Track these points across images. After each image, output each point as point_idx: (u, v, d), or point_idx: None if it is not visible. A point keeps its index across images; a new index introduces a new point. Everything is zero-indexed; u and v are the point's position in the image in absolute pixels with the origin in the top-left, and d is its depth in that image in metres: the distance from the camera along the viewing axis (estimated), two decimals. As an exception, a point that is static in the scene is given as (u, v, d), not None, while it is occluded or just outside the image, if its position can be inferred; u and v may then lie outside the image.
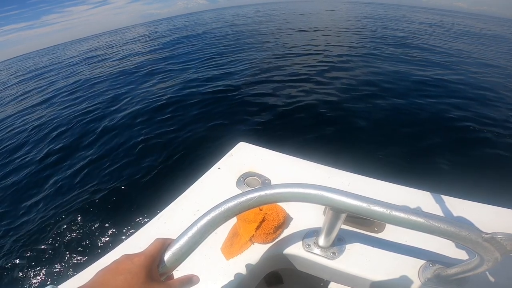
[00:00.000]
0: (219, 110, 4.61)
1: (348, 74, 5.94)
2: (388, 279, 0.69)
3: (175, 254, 0.44)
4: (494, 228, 0.49)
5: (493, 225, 0.77)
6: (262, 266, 0.78)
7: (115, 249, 0.81)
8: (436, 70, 6.23)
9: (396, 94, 4.73)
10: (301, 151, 3.00)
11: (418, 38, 11.10)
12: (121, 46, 18.85)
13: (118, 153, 3.85)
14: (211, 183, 1.01)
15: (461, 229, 0.46)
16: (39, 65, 21.08)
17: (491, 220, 0.80)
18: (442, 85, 5.26)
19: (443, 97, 4.64)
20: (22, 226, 2.93)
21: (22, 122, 6.39)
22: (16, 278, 2.32)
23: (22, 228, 2.90)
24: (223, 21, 25.74)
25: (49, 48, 72.92)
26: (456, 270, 0.60)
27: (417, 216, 0.48)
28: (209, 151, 3.36)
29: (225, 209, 0.50)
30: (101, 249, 2.41)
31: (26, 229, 2.85)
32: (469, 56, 8.31)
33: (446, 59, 7.48)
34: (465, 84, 5.38)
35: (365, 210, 0.50)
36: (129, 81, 7.48)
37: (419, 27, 16.10)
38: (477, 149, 3.24)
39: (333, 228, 0.66)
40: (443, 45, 9.79)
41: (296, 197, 0.54)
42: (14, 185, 3.75)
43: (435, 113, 4.08)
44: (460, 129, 3.65)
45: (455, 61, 7.35)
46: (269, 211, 0.79)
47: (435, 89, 5.04)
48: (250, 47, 9.66)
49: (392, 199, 0.81)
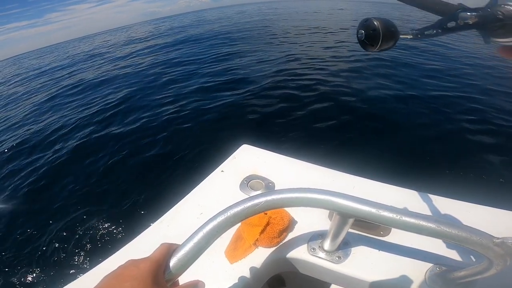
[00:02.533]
0: (222, 112, 4.59)
1: (354, 76, 5.83)
2: (394, 283, 0.69)
3: (181, 260, 0.44)
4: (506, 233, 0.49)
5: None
6: (266, 270, 0.77)
7: (117, 252, 0.80)
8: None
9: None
10: (305, 154, 2.99)
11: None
12: (123, 45, 18.77)
13: (119, 155, 3.83)
14: (214, 186, 1.01)
15: (472, 234, 0.46)
16: (59, 60, 20.54)
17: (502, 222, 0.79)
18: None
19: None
20: (21, 227, 2.92)
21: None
22: (14, 283, 2.31)
23: (20, 229, 2.88)
24: (226, 18, 25.57)
25: (56, 45, 72.26)
26: (464, 273, 0.59)
27: (428, 222, 0.47)
28: (211, 153, 3.35)
29: (231, 214, 0.50)
30: (103, 252, 2.40)
31: (23, 231, 2.83)
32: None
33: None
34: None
35: (374, 215, 0.50)
36: (131, 83, 7.40)
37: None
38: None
39: (340, 232, 0.66)
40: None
41: (303, 202, 0.53)
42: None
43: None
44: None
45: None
46: (274, 215, 0.79)
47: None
48: (256, 47, 9.58)
49: (398, 202, 0.81)
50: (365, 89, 4.99)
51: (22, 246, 2.65)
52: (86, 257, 2.40)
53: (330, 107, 4.38)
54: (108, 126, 4.88)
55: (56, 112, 6.46)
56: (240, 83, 5.81)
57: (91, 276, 0.75)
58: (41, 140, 5.02)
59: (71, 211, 2.92)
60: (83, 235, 2.60)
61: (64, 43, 75.08)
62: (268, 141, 3.51)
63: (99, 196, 3.08)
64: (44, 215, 3.01)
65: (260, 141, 1.49)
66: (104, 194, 3.10)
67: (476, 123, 3.72)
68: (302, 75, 5.96)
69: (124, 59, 11.86)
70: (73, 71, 12.16)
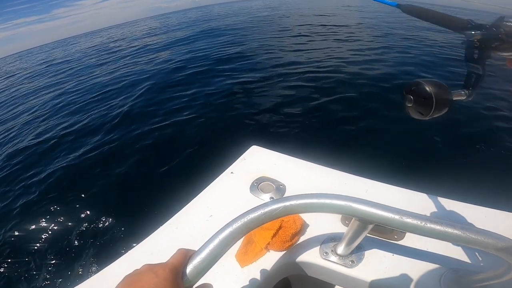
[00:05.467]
0: (231, 112, 4.53)
1: (367, 71, 5.70)
2: (408, 287, 0.67)
3: (197, 267, 0.43)
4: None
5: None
6: (275, 273, 0.76)
7: (127, 254, 0.80)
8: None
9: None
10: (316, 156, 2.95)
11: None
12: (131, 41, 18.65)
13: (126, 156, 3.80)
14: (223, 187, 1.00)
15: (498, 240, 0.46)
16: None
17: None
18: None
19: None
20: (26, 226, 2.92)
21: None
22: (19, 284, 2.31)
23: (26, 230, 2.88)
24: (233, 14, 25.23)
25: (69, 39, 71.79)
26: (480, 277, 0.59)
27: (454, 229, 0.46)
28: (221, 154, 3.27)
29: (249, 220, 0.49)
30: (112, 253, 2.38)
31: (30, 230, 2.84)
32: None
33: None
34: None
35: (397, 222, 0.48)
36: (133, 82, 7.29)
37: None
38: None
39: (357, 237, 0.65)
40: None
41: (324, 208, 0.52)
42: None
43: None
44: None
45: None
46: (286, 218, 0.78)
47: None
48: (263, 43, 9.42)
49: (412, 206, 0.79)
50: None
51: (25, 248, 2.64)
52: (95, 259, 2.38)
53: (349, 106, 4.29)
54: (115, 129, 4.79)
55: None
56: (248, 83, 5.72)
57: (101, 277, 0.74)
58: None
59: (74, 213, 2.91)
60: (91, 237, 2.59)
61: (75, 37, 74.25)
62: (277, 142, 3.48)
63: (106, 197, 3.08)
64: (45, 216, 3.00)
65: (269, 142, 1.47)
66: (112, 195, 3.09)
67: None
68: (314, 73, 5.83)
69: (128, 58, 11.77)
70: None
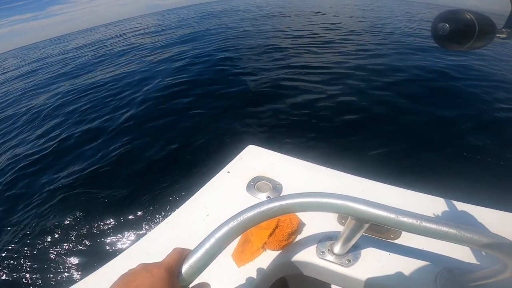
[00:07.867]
0: (228, 111, 4.49)
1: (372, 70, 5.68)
2: (404, 286, 0.68)
3: (193, 267, 0.43)
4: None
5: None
6: (272, 272, 0.77)
7: (123, 253, 0.80)
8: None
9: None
10: (313, 155, 2.93)
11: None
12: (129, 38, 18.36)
13: (123, 155, 3.77)
14: (220, 187, 1.00)
15: (492, 238, 0.47)
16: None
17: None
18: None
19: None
20: (17, 225, 2.91)
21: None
22: (18, 283, 2.30)
23: (17, 228, 2.87)
24: (232, 11, 24.97)
25: (66, 35, 70.50)
26: (476, 276, 0.59)
27: (449, 228, 0.47)
28: (217, 154, 3.26)
29: (245, 219, 0.48)
30: (108, 253, 2.37)
31: (21, 229, 2.82)
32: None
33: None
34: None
35: (393, 221, 0.49)
36: (126, 83, 7.04)
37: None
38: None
39: (353, 236, 0.65)
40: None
41: (320, 207, 0.52)
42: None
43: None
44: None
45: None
46: (283, 218, 0.78)
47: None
48: (262, 42, 9.25)
49: (408, 205, 0.80)
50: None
51: (24, 247, 2.62)
52: (91, 259, 2.37)
53: (349, 106, 4.28)
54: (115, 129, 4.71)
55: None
56: (245, 81, 5.67)
57: (97, 277, 0.74)
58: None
59: (69, 210, 2.90)
60: (87, 237, 2.58)
61: (69, 34, 73.13)
62: (274, 141, 3.47)
63: (103, 197, 3.05)
64: (40, 213, 2.99)
65: (266, 141, 1.46)
66: (109, 194, 3.07)
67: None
68: (314, 73, 5.79)
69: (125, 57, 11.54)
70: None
